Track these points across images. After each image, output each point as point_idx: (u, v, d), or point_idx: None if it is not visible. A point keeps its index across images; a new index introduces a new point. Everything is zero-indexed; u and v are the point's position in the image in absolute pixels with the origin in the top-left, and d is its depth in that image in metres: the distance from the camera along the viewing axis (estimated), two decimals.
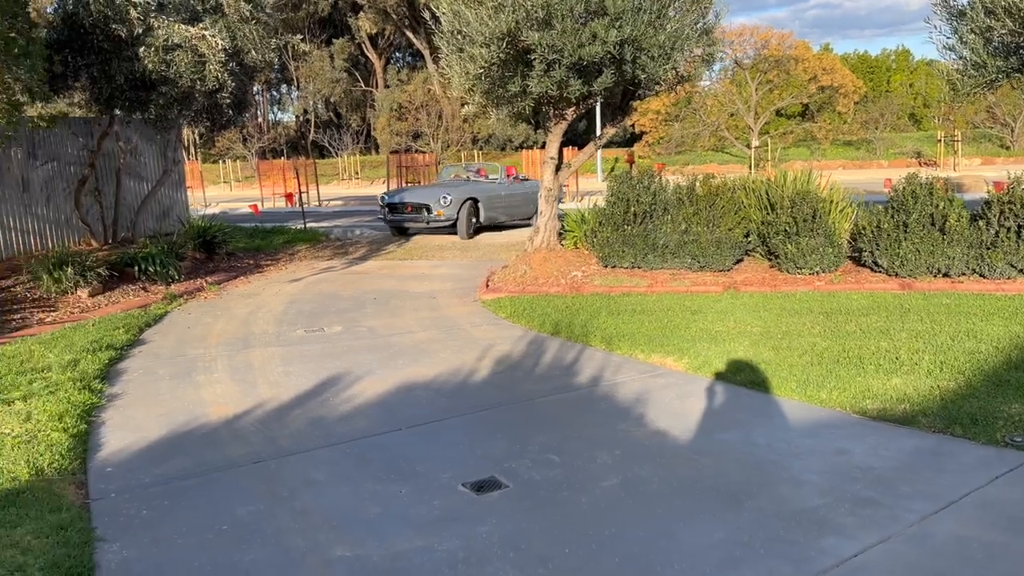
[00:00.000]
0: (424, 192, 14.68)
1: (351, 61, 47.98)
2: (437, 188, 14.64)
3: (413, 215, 14.05)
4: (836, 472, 4.09)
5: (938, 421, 4.61)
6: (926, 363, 5.55)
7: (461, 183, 15.22)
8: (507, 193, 15.29)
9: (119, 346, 7.22)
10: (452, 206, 13.72)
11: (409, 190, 15.10)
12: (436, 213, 13.69)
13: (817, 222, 8.63)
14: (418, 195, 14.44)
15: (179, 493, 4.19)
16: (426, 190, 14.83)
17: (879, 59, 60.62)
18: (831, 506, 3.73)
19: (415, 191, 14.84)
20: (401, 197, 14.51)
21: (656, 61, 8.55)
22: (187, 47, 9.47)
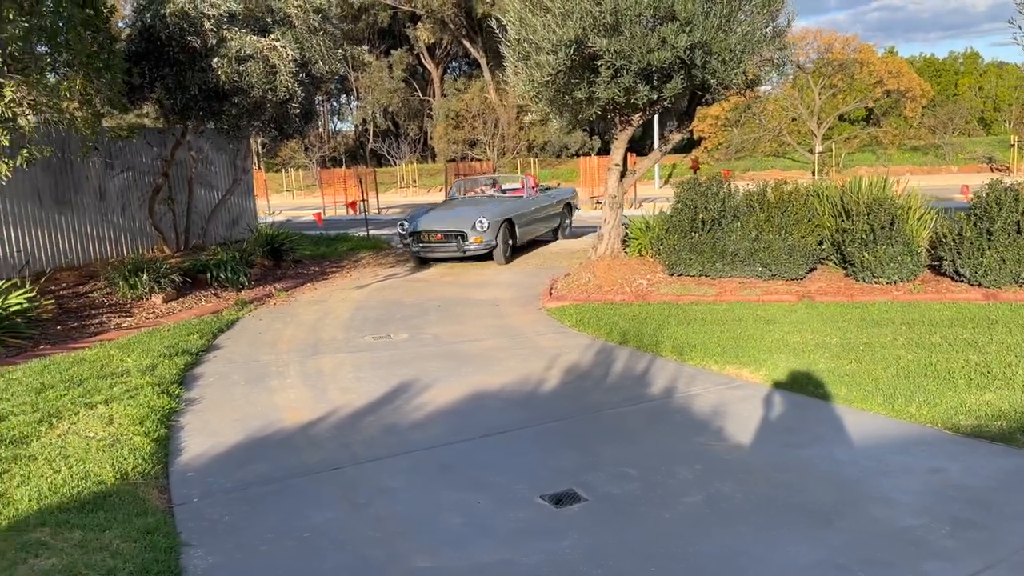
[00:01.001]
0: (452, 216, 12.44)
1: (409, 71, 48.51)
2: (464, 209, 12.74)
3: (444, 244, 12.04)
4: (931, 491, 3.91)
5: None
6: (1020, 377, 5.30)
7: (484, 200, 13.46)
8: (535, 207, 13.60)
9: (194, 351, 7.36)
10: (490, 230, 11.79)
11: (432, 213, 12.73)
12: (474, 240, 11.79)
13: (895, 230, 8.35)
14: (447, 220, 12.28)
15: (259, 499, 4.23)
16: (452, 213, 12.64)
17: (946, 62, 58.88)
18: (928, 527, 3.56)
19: (440, 215, 12.58)
20: (428, 223, 12.32)
21: (727, 65, 8.39)
22: (259, 58, 9.65)
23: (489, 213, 12.05)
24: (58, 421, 5.33)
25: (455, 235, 11.92)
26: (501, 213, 12.30)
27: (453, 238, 11.93)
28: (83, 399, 5.78)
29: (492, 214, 12.04)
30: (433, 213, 12.70)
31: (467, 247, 11.84)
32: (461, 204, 13.38)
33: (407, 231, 12.30)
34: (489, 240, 11.83)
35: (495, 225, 11.93)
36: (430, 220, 12.47)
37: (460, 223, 12.03)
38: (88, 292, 9.74)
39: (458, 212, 12.56)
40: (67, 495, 4.18)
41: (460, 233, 11.89)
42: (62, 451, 4.80)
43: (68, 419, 5.37)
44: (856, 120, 41.26)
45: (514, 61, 9.05)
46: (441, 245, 12.08)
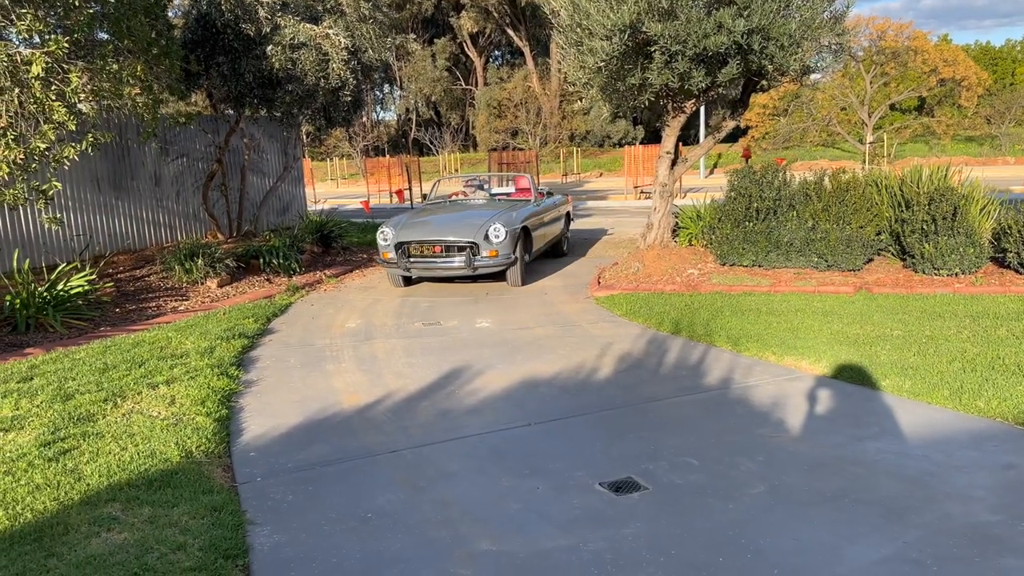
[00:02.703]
0: (453, 221, 9.68)
1: (452, 60, 48.57)
2: (467, 214, 10.00)
3: (445, 259, 9.18)
4: (1007, 488, 3.80)
5: None
6: None
7: (484, 203, 10.73)
8: (547, 215, 10.95)
9: (250, 335, 7.46)
10: (507, 241, 9.12)
11: (421, 219, 9.80)
12: (488, 254, 9.09)
13: (957, 220, 8.14)
14: (448, 227, 9.45)
15: (321, 479, 4.27)
16: (451, 218, 9.89)
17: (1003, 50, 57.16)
18: (1007, 524, 3.46)
19: (434, 220, 9.76)
20: (420, 231, 9.37)
21: (785, 51, 8.23)
22: (311, 45, 9.72)
23: (504, 218, 9.33)
24: (122, 400, 5.44)
25: (463, 247, 9.10)
26: (517, 219, 9.57)
27: (458, 251, 9.12)
28: (145, 379, 5.89)
29: (507, 220, 9.33)
30: (423, 219, 9.82)
31: (479, 263, 9.07)
32: (455, 208, 10.53)
33: (390, 242, 9.35)
34: (507, 254, 9.16)
35: (512, 235, 9.24)
36: (422, 227, 9.47)
37: (468, 230, 9.16)
38: (145, 276, 9.93)
39: (460, 217, 9.84)
40: (135, 472, 4.27)
41: (470, 245, 9.07)
42: (127, 429, 4.90)
43: (132, 398, 5.48)
44: (908, 110, 40.31)
45: (566, 47, 8.99)
46: (441, 260, 9.19)
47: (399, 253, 9.28)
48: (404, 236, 9.30)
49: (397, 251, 9.28)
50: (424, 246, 9.24)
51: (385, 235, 9.44)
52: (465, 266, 9.11)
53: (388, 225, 9.60)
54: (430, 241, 9.23)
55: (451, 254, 9.20)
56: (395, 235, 9.34)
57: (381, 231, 9.49)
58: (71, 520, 3.71)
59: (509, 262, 9.28)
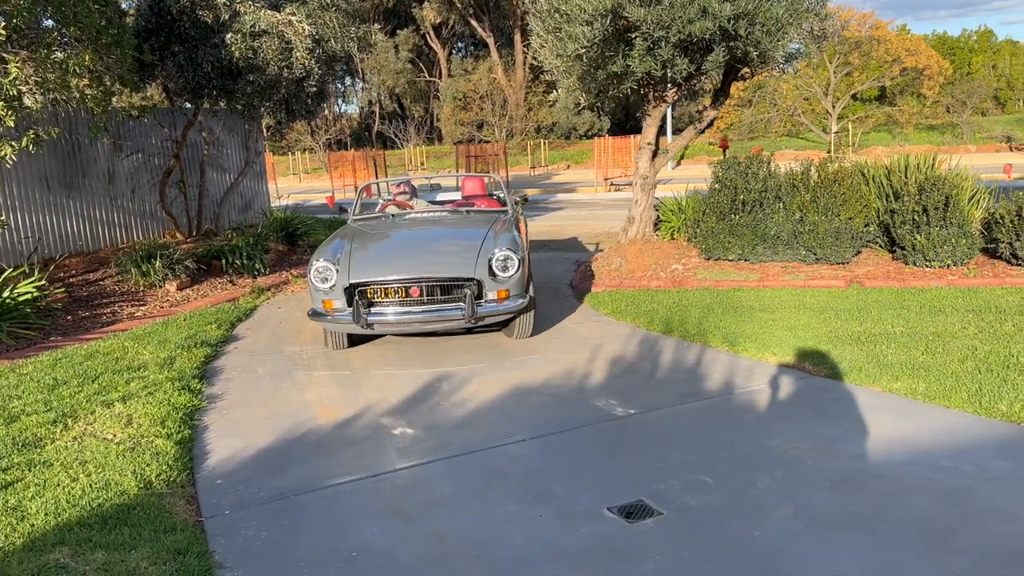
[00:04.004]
0: (436, 250, 6.86)
1: (415, 52, 47.86)
2: (447, 236, 7.19)
3: (432, 307, 6.19)
4: None
5: None
6: None
7: (456, 218, 7.65)
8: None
9: (214, 342, 6.98)
10: (520, 274, 6.31)
11: (379, 245, 7.01)
12: (496, 296, 6.26)
13: (950, 211, 7.91)
14: (428, 258, 6.55)
15: (298, 511, 3.84)
16: (426, 243, 7.10)
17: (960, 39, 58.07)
18: None
19: (408, 249, 6.94)
20: (387, 266, 6.38)
21: (772, 36, 7.91)
22: (274, 33, 9.19)
23: (508, 240, 6.48)
24: (73, 421, 4.95)
25: (458, 286, 6.16)
26: (521, 241, 6.80)
27: (451, 293, 6.17)
28: (99, 396, 5.40)
29: (513, 242, 6.47)
30: (377, 245, 6.92)
31: (484, 309, 6.12)
32: (416, 225, 7.51)
33: (334, 284, 6.24)
34: (519, 293, 6.32)
35: (525, 264, 6.45)
36: (384, 259, 6.60)
37: (462, 260, 6.27)
38: (99, 280, 9.34)
39: (438, 239, 7.11)
40: (87, 508, 3.80)
41: (469, 282, 6.14)
42: (79, 456, 4.42)
43: (84, 419, 4.99)
44: (869, 100, 40.59)
45: (543, 34, 8.58)
46: (422, 309, 6.13)
47: (352, 301, 6.09)
48: (361, 274, 6.15)
49: (348, 298, 6.13)
50: (394, 288, 6.11)
51: (323, 274, 6.21)
52: (463, 316, 5.98)
53: (323, 258, 6.34)
54: (406, 281, 6.11)
55: (439, 299, 6.13)
56: (342, 274, 6.17)
57: (315, 268, 6.27)
58: (11, 571, 3.24)
59: (522, 307, 6.29)
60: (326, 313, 6.35)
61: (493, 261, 6.25)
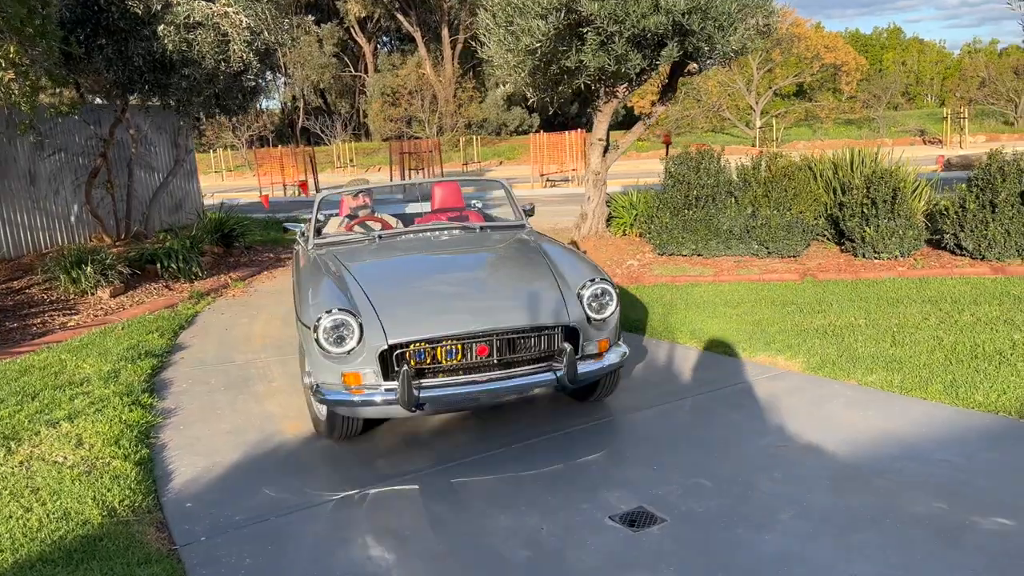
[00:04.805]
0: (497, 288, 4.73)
1: (340, 46, 46.93)
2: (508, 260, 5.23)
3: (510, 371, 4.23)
4: None
5: None
6: None
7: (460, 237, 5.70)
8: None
9: (158, 352, 6.58)
10: (617, 313, 4.63)
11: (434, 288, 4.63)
12: (597, 347, 4.52)
13: (897, 203, 8.08)
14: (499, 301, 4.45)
15: (280, 534, 3.59)
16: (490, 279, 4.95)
17: (872, 37, 60.38)
18: None
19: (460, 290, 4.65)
20: (454, 317, 4.24)
21: (724, 31, 7.94)
22: (209, 25, 8.75)
23: (585, 267, 4.82)
24: (17, 444, 4.55)
25: (547, 334, 4.31)
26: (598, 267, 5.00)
27: (531, 346, 4.30)
28: (42, 415, 4.99)
29: (593, 269, 4.81)
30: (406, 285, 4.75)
31: (586, 369, 4.33)
32: (432, 249, 5.53)
33: (356, 346, 4.10)
34: (616, 343, 4.66)
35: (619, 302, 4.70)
36: (432, 305, 4.40)
37: (546, 301, 4.39)
38: (24, 288, 8.75)
39: (477, 269, 5.20)
40: (47, 541, 3.47)
41: (559, 331, 4.33)
42: (30, 483, 4.05)
43: (28, 441, 4.60)
44: (788, 95, 41.73)
45: (495, 27, 8.41)
46: (498, 377, 4.20)
47: (389, 370, 4.10)
48: (405, 328, 4.13)
49: (384, 366, 4.10)
50: (453, 347, 4.16)
51: (340, 331, 4.08)
52: (556, 382, 4.19)
53: (331, 305, 4.19)
54: (471, 335, 4.15)
55: (516, 358, 4.24)
56: (372, 329, 4.10)
57: (324, 323, 4.08)
58: None
59: (625, 359, 4.61)
60: (347, 394, 4.09)
61: (585, 298, 4.39)
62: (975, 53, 50.88)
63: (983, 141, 32.28)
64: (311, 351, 4.26)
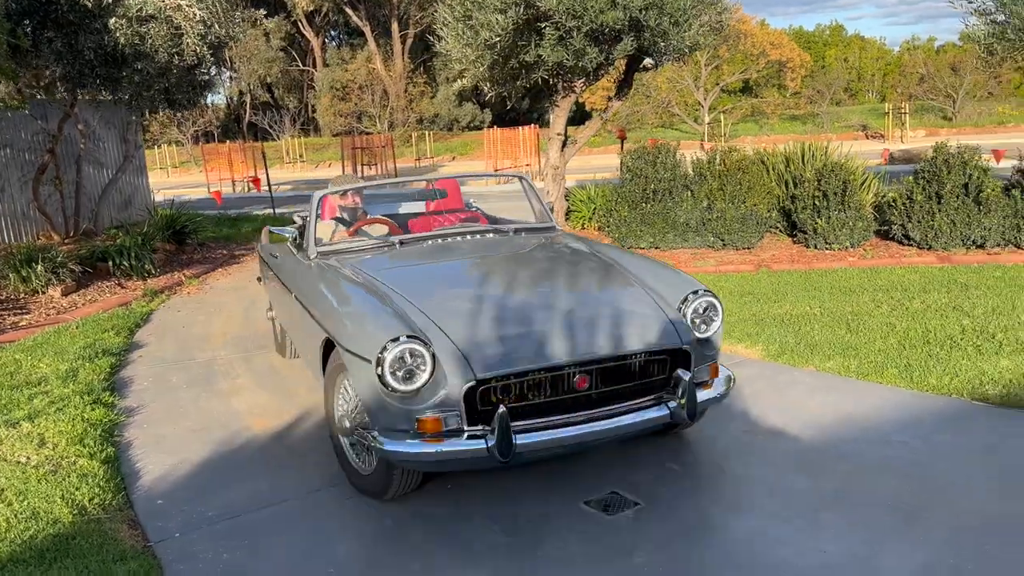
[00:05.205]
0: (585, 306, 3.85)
1: (287, 40, 46.26)
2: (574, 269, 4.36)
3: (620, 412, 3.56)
4: (1003, 472, 3.70)
5: None
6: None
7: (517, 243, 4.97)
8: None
9: (116, 351, 6.47)
10: (720, 330, 4.07)
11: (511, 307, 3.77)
12: (709, 374, 3.89)
13: (848, 195, 8.32)
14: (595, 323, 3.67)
15: (256, 529, 3.58)
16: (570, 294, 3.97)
17: (815, 34, 61.67)
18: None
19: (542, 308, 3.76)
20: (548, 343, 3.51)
21: (679, 27, 8.08)
22: (162, 18, 8.57)
23: (678, 276, 4.26)
24: None
25: (657, 360, 3.66)
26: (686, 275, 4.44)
27: (635, 375, 3.63)
28: (1, 416, 4.87)
29: (685, 279, 4.18)
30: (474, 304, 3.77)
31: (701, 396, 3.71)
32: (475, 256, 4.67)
33: (427, 382, 3.31)
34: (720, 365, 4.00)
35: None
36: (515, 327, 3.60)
37: (651, 319, 3.78)
38: None
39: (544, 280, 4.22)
40: (18, 541, 3.40)
41: (672, 355, 3.69)
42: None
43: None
44: (734, 92, 42.48)
45: (453, 21, 8.42)
46: (602, 415, 3.50)
47: (475, 412, 3.36)
48: (497, 360, 3.41)
49: (469, 408, 3.35)
50: (549, 380, 3.47)
51: (408, 363, 3.30)
52: (672, 415, 3.58)
53: (397, 329, 3.39)
54: (570, 365, 3.47)
55: (618, 390, 3.60)
56: (452, 361, 3.36)
57: (389, 355, 3.27)
58: None
59: (729, 386, 3.93)
60: (422, 444, 3.29)
61: (689, 314, 3.82)
62: (914, 50, 52.35)
63: (923, 136, 33.30)
64: (363, 388, 3.47)
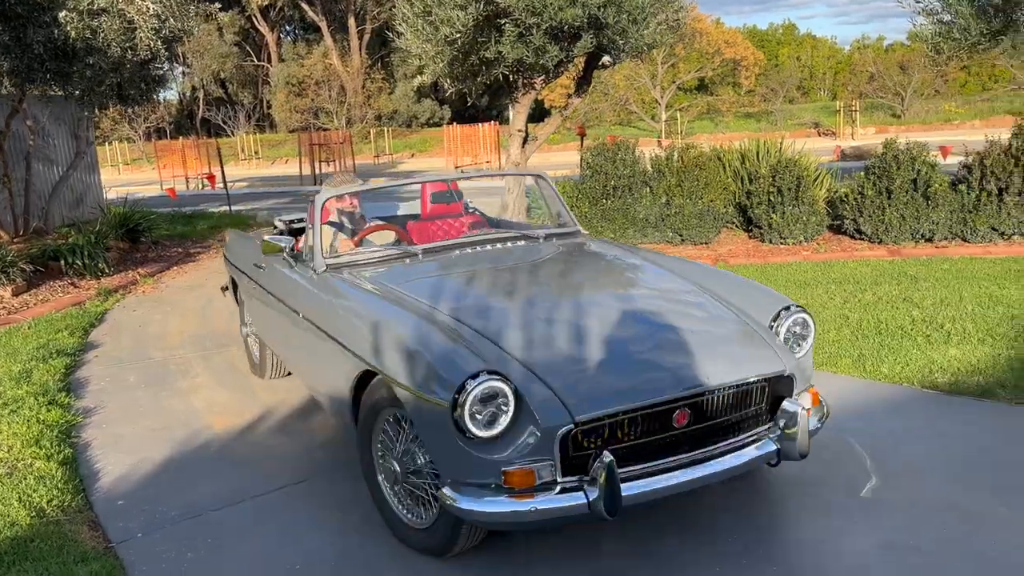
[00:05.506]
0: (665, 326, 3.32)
1: (241, 35, 45.63)
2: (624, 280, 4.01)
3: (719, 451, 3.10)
4: (952, 458, 3.83)
5: (1018, 392, 4.45)
6: (972, 332, 5.42)
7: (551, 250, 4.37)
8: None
9: (70, 351, 6.34)
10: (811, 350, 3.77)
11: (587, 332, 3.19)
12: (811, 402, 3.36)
13: (801, 191, 8.49)
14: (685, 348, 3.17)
15: (221, 527, 3.55)
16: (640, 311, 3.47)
17: (768, 32, 62.63)
18: (977, 497, 3.44)
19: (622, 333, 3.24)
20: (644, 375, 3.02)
21: (637, 25, 8.15)
22: (114, 12, 8.41)
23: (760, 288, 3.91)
24: None
25: (758, 389, 3.21)
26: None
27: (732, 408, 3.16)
28: None
29: (768, 292, 3.85)
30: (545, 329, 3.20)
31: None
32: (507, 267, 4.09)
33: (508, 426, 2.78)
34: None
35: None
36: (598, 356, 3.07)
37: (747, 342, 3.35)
38: None
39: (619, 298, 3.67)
40: None
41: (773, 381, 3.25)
42: None
43: None
44: (690, 89, 42.97)
45: (413, 16, 8.39)
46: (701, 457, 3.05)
47: (569, 461, 2.81)
48: (598, 399, 2.86)
49: (564, 456, 2.79)
50: (647, 418, 2.95)
51: (488, 405, 2.77)
52: (781, 452, 3.14)
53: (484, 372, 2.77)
54: (673, 401, 2.97)
55: (718, 424, 3.14)
56: (541, 401, 2.80)
57: (467, 395, 2.71)
58: None
59: (827, 411, 3.55)
60: (511, 501, 2.75)
61: (783, 332, 3.46)
62: (864, 49, 53.45)
63: (873, 133, 34.05)
64: (428, 433, 2.92)
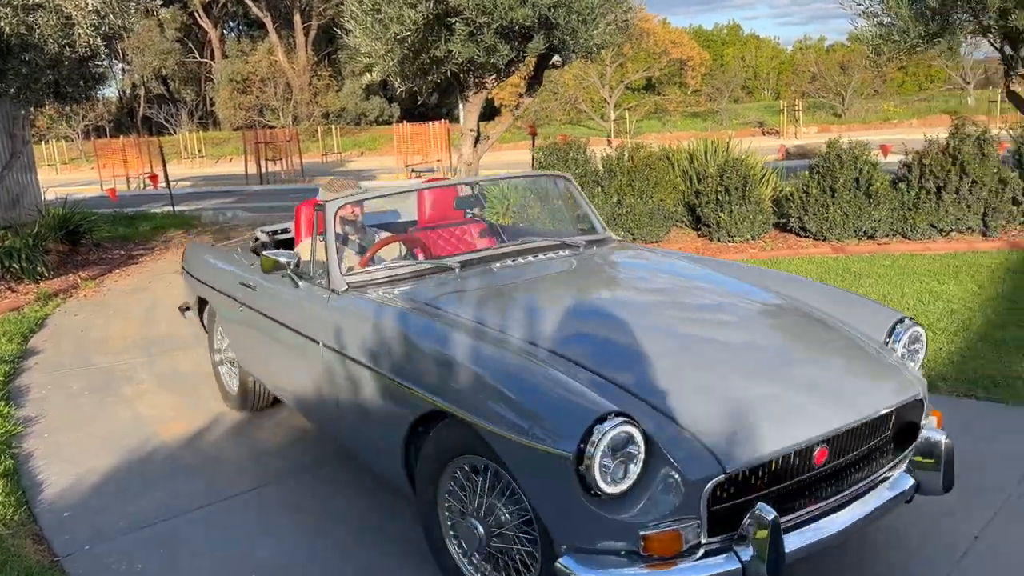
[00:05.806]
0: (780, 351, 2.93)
1: (184, 31, 44.67)
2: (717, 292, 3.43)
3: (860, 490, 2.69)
4: None
5: (959, 385, 4.59)
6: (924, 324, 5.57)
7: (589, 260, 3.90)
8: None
9: (9, 358, 6.14)
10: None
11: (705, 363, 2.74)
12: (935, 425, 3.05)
13: (748, 190, 8.65)
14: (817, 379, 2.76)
15: (171, 537, 3.47)
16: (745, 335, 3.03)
17: (714, 32, 63.61)
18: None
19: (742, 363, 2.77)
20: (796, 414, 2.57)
21: (587, 25, 8.21)
22: (51, 7, 8.13)
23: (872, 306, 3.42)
24: None
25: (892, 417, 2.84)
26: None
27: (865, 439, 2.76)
28: None
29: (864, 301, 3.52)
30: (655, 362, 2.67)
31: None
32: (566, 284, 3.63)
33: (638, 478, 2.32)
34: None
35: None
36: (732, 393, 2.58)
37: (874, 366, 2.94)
38: None
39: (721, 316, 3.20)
40: None
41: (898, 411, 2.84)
42: None
43: None
44: (638, 89, 43.43)
45: (362, 14, 8.31)
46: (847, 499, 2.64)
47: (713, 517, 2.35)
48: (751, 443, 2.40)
49: (710, 512, 2.33)
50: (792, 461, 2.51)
51: (616, 454, 2.29)
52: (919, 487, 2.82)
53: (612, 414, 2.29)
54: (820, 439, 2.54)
55: (855, 460, 2.74)
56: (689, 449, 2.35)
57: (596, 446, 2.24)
58: None
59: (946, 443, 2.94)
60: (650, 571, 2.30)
61: (900, 348, 3.11)
62: (806, 50, 54.65)
63: (816, 132, 34.83)
64: (537, 489, 2.45)
